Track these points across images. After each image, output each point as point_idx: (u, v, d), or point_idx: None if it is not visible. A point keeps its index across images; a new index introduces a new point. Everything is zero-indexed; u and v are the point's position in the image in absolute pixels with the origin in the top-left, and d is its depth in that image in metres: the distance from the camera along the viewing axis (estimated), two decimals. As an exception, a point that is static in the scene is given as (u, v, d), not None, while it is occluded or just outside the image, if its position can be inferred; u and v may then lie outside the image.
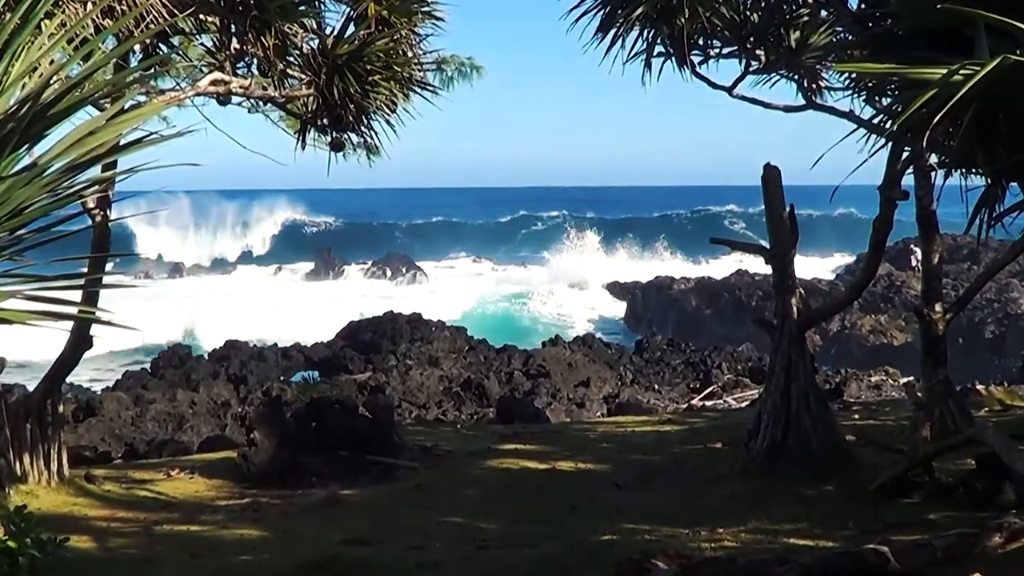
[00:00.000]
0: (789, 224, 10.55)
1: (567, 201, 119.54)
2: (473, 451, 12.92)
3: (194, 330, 43.68)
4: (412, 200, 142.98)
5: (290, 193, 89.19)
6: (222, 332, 33.91)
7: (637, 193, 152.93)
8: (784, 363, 10.37)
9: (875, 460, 10.23)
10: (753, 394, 20.76)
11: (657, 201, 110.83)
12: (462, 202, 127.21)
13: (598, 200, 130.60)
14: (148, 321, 37.12)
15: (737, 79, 11.91)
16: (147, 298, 53.76)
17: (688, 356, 29.78)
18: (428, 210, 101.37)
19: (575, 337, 30.88)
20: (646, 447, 12.85)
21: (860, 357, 33.14)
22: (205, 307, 51.33)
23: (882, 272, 37.67)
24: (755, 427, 10.47)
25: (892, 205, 10.14)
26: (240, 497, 11.00)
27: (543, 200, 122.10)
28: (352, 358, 29.84)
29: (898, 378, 22.67)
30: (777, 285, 10.67)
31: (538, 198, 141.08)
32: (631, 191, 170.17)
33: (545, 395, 23.11)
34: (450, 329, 31.57)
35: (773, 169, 10.61)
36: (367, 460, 11.97)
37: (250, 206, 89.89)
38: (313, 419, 12.46)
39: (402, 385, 24.57)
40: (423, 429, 15.90)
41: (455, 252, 79.24)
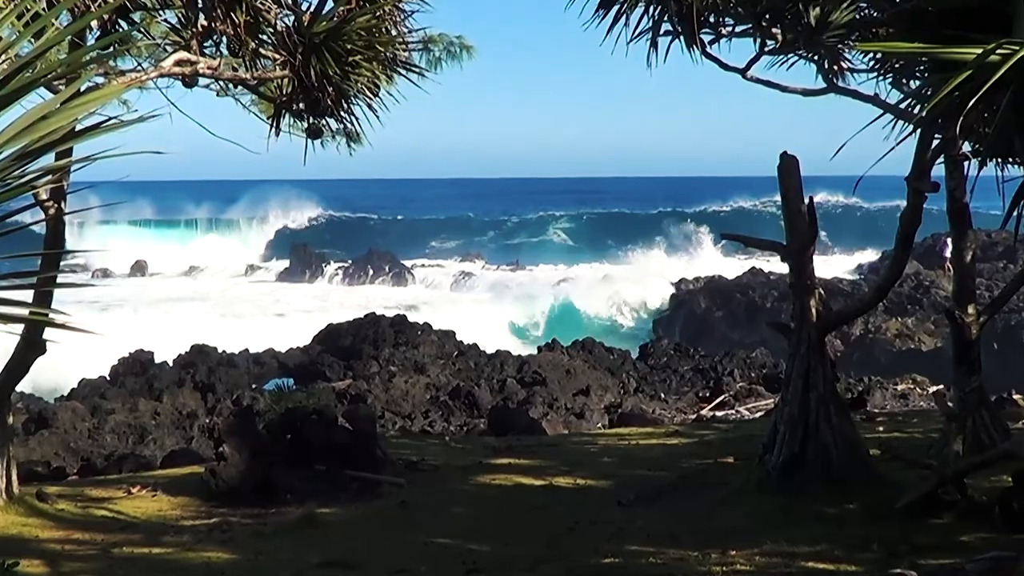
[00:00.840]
0: (807, 218, 10.54)
1: (570, 194, 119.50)
2: (463, 466, 12.91)
3: (157, 333, 43.60)
4: (399, 192, 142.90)
5: (263, 184, 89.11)
6: (188, 336, 33.85)
7: (643, 184, 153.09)
8: (802, 370, 10.36)
9: (902, 476, 10.23)
10: (768, 404, 20.74)
11: (665, 192, 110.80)
12: (453, 194, 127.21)
13: (601, 192, 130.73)
14: (107, 324, 37.11)
15: (751, 60, 11.90)
16: (106, 299, 53.85)
17: (697, 362, 29.77)
18: (415, 204, 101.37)
19: (574, 341, 30.86)
20: (651, 462, 12.84)
21: (885, 364, 33.12)
22: (169, 308, 51.30)
23: (909, 271, 37.73)
24: (770, 440, 10.46)
25: (921, 198, 10.13)
26: (207, 516, 10.97)
27: (543, 193, 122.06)
28: (330, 364, 29.77)
29: (927, 387, 22.67)
30: (794, 285, 10.67)
31: (537, 191, 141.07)
32: (634, 182, 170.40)
33: (541, 405, 23.08)
34: (437, 333, 31.53)
35: (790, 158, 10.61)
36: (347, 476, 11.95)
37: (219, 198, 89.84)
38: (288, 431, 12.44)
39: (385, 394, 24.53)
40: (408, 442, 15.88)
41: (447, 249, 79.23)
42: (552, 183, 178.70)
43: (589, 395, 24.34)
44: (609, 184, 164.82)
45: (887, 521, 8.92)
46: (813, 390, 10.28)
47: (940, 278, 39.71)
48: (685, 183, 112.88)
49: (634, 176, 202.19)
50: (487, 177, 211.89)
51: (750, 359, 28.90)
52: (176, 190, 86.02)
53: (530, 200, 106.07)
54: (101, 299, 52.99)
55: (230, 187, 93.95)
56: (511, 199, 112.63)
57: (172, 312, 50.10)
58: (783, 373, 11.54)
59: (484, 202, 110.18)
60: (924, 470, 10.35)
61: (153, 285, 66.69)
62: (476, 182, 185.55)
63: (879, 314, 36.28)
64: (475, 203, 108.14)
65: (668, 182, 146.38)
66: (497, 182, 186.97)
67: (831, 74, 12.09)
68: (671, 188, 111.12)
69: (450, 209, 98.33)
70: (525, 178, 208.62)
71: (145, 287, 65.04)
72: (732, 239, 11.99)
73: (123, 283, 66.37)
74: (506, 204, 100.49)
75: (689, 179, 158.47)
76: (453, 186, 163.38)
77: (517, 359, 28.26)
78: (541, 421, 19.91)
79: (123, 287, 63.41)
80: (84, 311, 39.75)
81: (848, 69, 12.08)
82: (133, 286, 64.99)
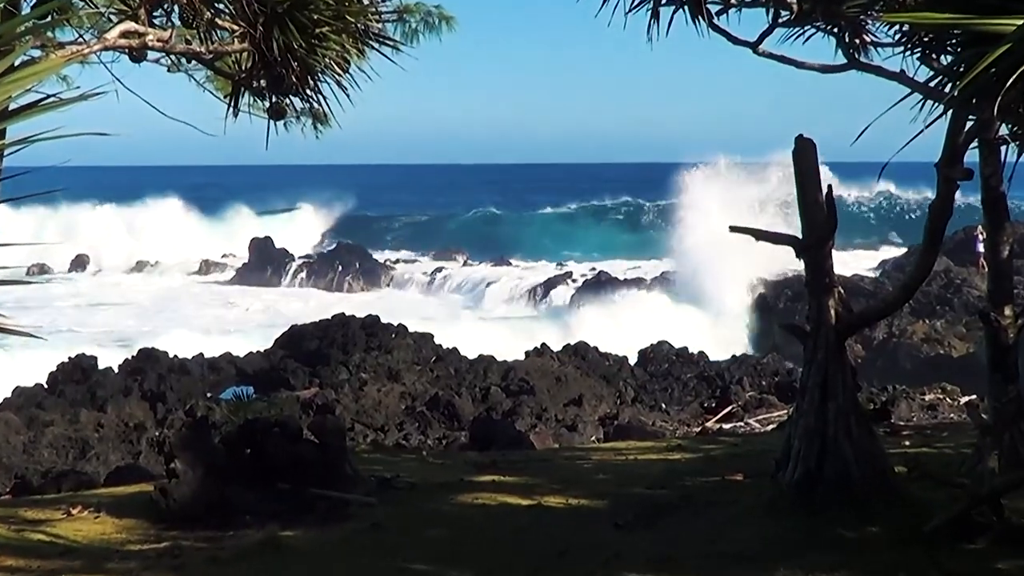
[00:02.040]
0: (826, 209, 10.54)
1: (562, 182, 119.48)
2: (441, 484, 12.89)
3: (101, 336, 43.55)
4: (372, 180, 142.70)
5: (220, 170, 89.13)
6: (136, 339, 33.82)
7: (638, 171, 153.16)
8: (819, 378, 10.36)
9: (930, 496, 10.23)
10: (781, 415, 20.77)
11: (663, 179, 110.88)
12: (436, 183, 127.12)
13: (597, 179, 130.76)
14: (45, 326, 36.94)
15: (763, 32, 11.88)
16: (43, 297, 53.71)
17: (702, 369, 29.87)
18: (390, 192, 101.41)
19: (565, 346, 30.88)
20: (651, 479, 12.84)
21: (912, 371, 33.26)
22: (115, 308, 51.22)
23: (939, 268, 37.84)
24: (784, 455, 10.47)
25: (952, 186, 10.13)
26: (157, 540, 10.93)
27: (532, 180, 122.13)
28: (294, 371, 29.78)
29: (958, 397, 22.74)
30: (811, 283, 10.67)
31: (527, 178, 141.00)
32: (631, 168, 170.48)
33: (529, 416, 23.11)
34: (413, 336, 31.53)
35: (806, 142, 10.61)
36: (312, 495, 11.92)
37: (170, 186, 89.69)
38: (247, 445, 12.40)
39: (355, 404, 24.55)
40: (381, 457, 15.86)
41: (424, 244, 79.31)
42: (542, 170, 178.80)
43: (582, 405, 24.37)
44: (605, 171, 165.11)
45: (914, 546, 8.93)
46: (831, 400, 10.28)
47: (973, 276, 39.88)
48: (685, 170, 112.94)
49: (632, 162, 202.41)
50: (470, 163, 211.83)
51: (761, 365, 29.02)
52: (123, 176, 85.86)
53: (517, 189, 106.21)
54: (38, 297, 52.97)
55: (183, 173, 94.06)
56: (498, 187, 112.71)
57: (118, 313, 50.04)
58: (798, 381, 11.54)
59: (467, 192, 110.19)
60: (955, 489, 10.36)
61: (97, 282, 66.62)
62: (458, 169, 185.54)
63: (905, 316, 36.43)
64: (458, 193, 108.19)
65: (668, 169, 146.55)
66: (482, 168, 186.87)
67: (852, 48, 12.07)
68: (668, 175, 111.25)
69: (430, 198, 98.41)
70: (512, 164, 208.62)
71: (88, 284, 64.97)
72: (740, 232, 11.89)
73: (63, 280, 66.31)
74: (491, 193, 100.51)
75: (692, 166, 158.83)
76: (433, 173, 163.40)
77: (502, 365, 28.28)
78: (528, 434, 19.93)
79: (63, 284, 63.34)
80: (18, 311, 39.58)
81: (871, 43, 12.06)
82: (74, 283, 64.92)
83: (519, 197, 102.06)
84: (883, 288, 39.26)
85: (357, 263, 65.81)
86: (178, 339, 35.50)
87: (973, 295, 37.31)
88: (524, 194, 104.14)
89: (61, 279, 66.71)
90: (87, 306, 53.71)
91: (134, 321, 48.28)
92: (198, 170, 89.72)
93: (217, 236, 78.73)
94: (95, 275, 69.79)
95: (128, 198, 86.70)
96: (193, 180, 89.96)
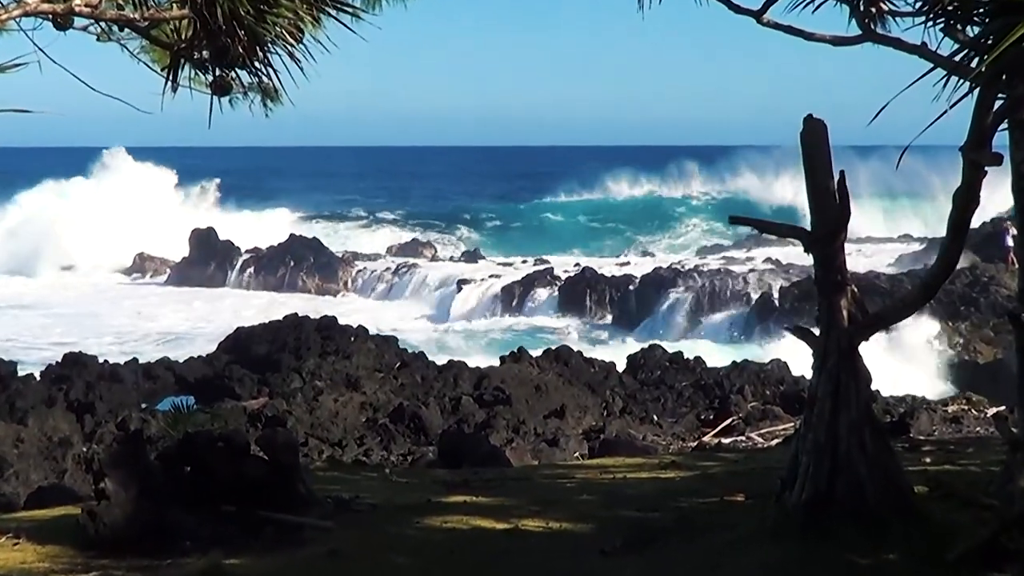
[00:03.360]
0: (838, 198, 10.57)
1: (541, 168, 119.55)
2: (407, 505, 12.89)
3: (21, 339, 43.43)
4: (330, 166, 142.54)
5: (158, 152, 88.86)
6: (60, 342, 33.73)
7: (626, 154, 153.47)
8: (830, 387, 10.39)
9: (954, 519, 10.27)
10: (787, 428, 20.85)
11: (654, 165, 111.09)
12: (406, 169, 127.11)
13: (579, 163, 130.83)
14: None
15: (768, 0, 11.93)
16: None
17: (699, 376, 29.90)
18: (350, 179, 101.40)
19: (545, 351, 30.89)
20: (642, 500, 12.86)
21: (932, 379, 33.37)
22: (38, 308, 51.07)
23: (964, 264, 37.98)
24: (790, 473, 10.48)
25: (979, 173, 10.15)
26: (85, 570, 10.91)
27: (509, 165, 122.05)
28: (241, 378, 29.74)
29: (984, 408, 22.84)
30: (821, 281, 10.69)
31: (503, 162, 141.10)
32: (620, 152, 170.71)
33: (504, 429, 23.14)
34: (375, 339, 31.52)
35: (816, 123, 10.62)
36: (261, 518, 11.91)
37: (103, 169, 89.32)
38: (187, 462, 12.39)
39: (310, 415, 24.53)
40: (339, 475, 15.86)
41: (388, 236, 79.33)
42: (517, 153, 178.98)
43: (564, 417, 24.41)
44: (588, 155, 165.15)
45: (936, 573, 8.96)
46: (844, 412, 10.30)
47: (1001, 273, 40.03)
48: (683, 155, 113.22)
49: (622, 145, 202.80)
50: (438, 145, 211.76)
51: (764, 373, 29.05)
52: (47, 159, 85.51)
53: (492, 175, 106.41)
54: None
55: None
56: (471, 174, 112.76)
57: (41, 314, 49.92)
58: (806, 391, 11.57)
59: (436, 179, 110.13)
60: (982, 511, 10.41)
61: (15, 282, 66.37)
62: (427, 151, 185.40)
63: (926, 317, 36.53)
64: (426, 179, 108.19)
65: (661, 152, 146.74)
66: (451, 151, 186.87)
67: (868, 18, 12.10)
68: (662, 159, 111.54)
69: (393, 185, 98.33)
70: (485, 147, 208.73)
71: (5, 284, 64.74)
72: (742, 223, 11.90)
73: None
74: (465, 180, 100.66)
75: (688, 149, 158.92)
76: (399, 157, 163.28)
77: (474, 372, 28.30)
78: (504, 450, 19.96)
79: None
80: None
81: (889, 12, 12.10)
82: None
83: (491, 185, 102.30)
84: (901, 287, 39.36)
85: (312, 258, 65.76)
86: (109, 342, 35.47)
87: (1002, 294, 37.47)
88: (497, 181, 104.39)
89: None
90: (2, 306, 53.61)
91: (58, 321, 48.15)
92: (138, 152, 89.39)
93: (153, 226, 78.30)
94: (10, 274, 69.37)
95: (50, 183, 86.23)
96: (124, 162, 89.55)
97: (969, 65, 6.58)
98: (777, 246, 63.11)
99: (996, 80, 6.49)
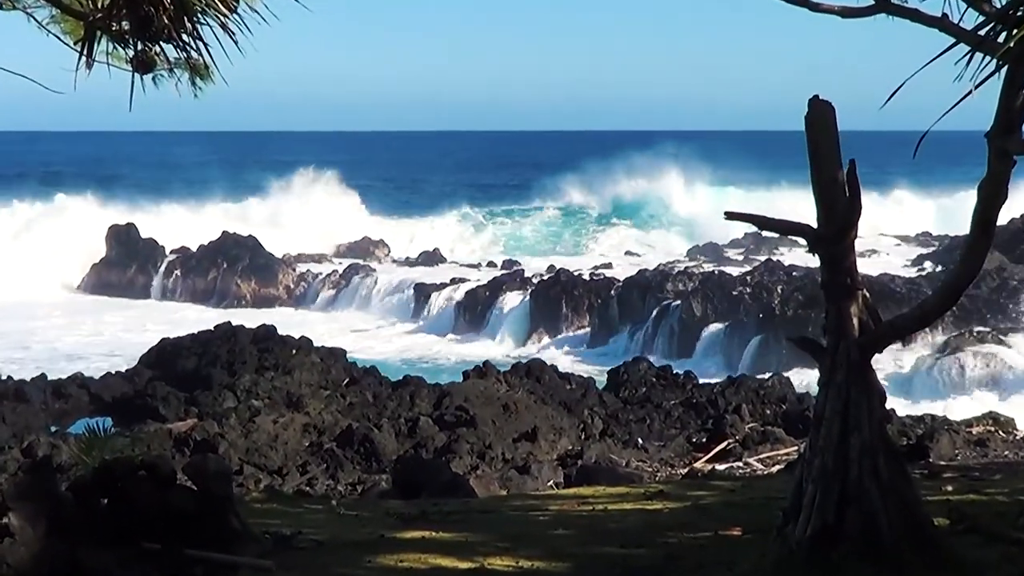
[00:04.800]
0: (848, 191, 10.58)
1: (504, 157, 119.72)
2: (356, 542, 12.88)
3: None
4: (266, 149, 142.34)
5: (70, 138, 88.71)
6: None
7: (612, 139, 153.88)
8: (839, 405, 10.40)
9: (979, 555, 10.31)
10: (790, 453, 20.89)
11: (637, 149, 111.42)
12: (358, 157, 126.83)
13: (554, 149, 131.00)
14: None
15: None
16: None
17: (690, 393, 29.92)
18: (288, 165, 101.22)
19: (515, 365, 30.90)
20: (626, 535, 12.87)
21: (957, 395, 33.49)
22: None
23: (990, 266, 38.16)
24: (794, 504, 10.49)
25: (1007, 163, 10.18)
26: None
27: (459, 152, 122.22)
28: (165, 397, 29.67)
29: (1013, 429, 22.92)
30: (828, 284, 10.70)
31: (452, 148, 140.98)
32: (609, 137, 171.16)
33: (468, 454, 23.12)
34: (320, 352, 31.47)
35: (823, 106, 10.63)
36: (189, 557, 11.87)
37: (7, 158, 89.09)
38: (104, 493, 12.34)
39: (245, 439, 24.45)
40: (278, 507, 15.82)
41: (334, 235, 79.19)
42: (469, 138, 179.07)
43: (536, 440, 24.39)
44: (568, 140, 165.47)
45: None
46: (854, 434, 10.32)
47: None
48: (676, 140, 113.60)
49: (612, 130, 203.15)
50: (394, 130, 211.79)
51: (764, 389, 29.07)
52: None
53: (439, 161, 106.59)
54: None
55: (17, 140, 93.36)
56: (422, 161, 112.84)
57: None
58: (812, 410, 11.59)
59: (390, 167, 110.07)
60: (1010, 546, 10.43)
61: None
62: (380, 136, 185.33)
63: (947, 325, 36.66)
64: (372, 167, 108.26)
65: (648, 137, 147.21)
66: (407, 137, 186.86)
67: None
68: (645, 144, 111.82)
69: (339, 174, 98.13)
70: (438, 132, 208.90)
71: None
72: (739, 219, 11.89)
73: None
74: (415, 168, 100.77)
75: (683, 135, 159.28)
76: (350, 142, 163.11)
77: (434, 390, 28.28)
78: (468, 478, 19.95)
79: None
80: None
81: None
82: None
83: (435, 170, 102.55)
84: (919, 292, 39.50)
85: (248, 259, 65.58)
86: (12, 356, 35.35)
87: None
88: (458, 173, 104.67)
89: None
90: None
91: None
92: (36, 136, 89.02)
93: (65, 226, 77.82)
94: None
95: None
96: (27, 148, 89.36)
97: (996, 40, 6.58)
98: (780, 245, 63.42)
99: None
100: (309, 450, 24.25)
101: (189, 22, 10.02)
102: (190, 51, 10.28)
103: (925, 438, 21.69)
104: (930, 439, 21.55)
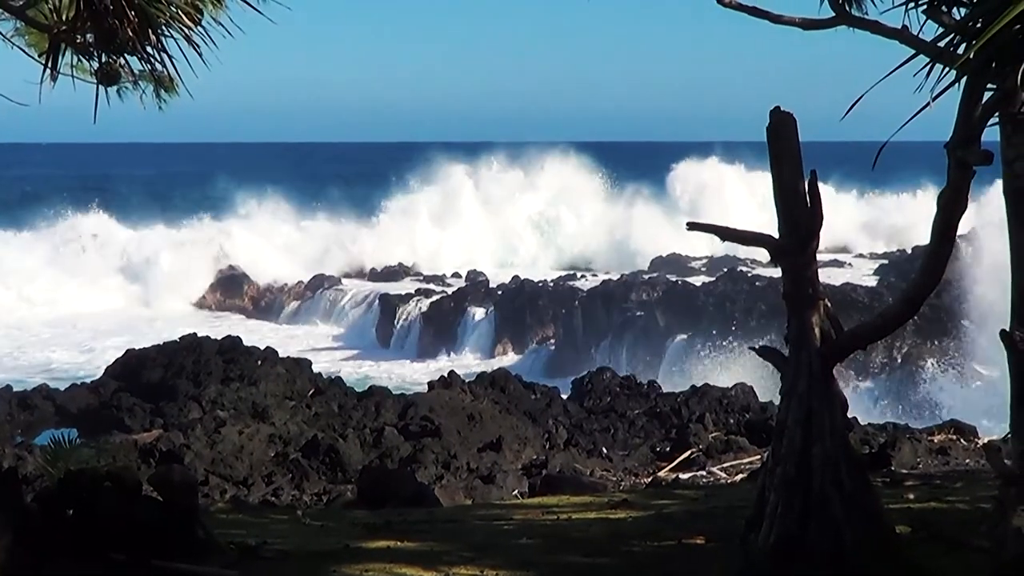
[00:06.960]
0: (809, 201, 10.61)
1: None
2: (321, 552, 12.85)
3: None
4: (239, 160, 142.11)
5: (36, 150, 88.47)
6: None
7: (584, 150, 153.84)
8: (801, 415, 10.42)
9: (941, 564, 10.34)
10: (753, 462, 20.91)
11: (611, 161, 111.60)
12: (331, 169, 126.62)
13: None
14: None
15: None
16: None
17: (653, 403, 29.95)
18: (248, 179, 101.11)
19: (480, 375, 30.87)
20: (590, 544, 12.87)
21: (917, 405, 33.60)
22: None
23: (951, 276, 38.24)
24: (756, 513, 10.51)
25: (967, 173, 10.23)
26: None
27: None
28: (131, 408, 29.59)
29: (974, 437, 23.00)
30: (790, 294, 10.72)
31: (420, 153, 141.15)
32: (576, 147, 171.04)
33: (433, 464, 23.09)
34: (285, 363, 31.41)
35: (784, 116, 10.67)
36: (155, 567, 11.84)
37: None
38: (69, 504, 12.29)
39: (210, 450, 24.37)
40: (243, 518, 15.78)
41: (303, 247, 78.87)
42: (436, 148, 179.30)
43: (501, 450, 24.38)
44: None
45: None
46: (817, 443, 10.34)
47: (992, 285, 40.30)
48: (632, 151, 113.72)
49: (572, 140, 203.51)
50: (359, 141, 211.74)
51: (727, 399, 29.10)
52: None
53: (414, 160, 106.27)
54: None
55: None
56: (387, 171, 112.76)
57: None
58: (775, 419, 11.61)
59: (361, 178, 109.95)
60: (973, 553, 10.46)
61: None
62: (351, 147, 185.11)
63: (909, 335, 36.78)
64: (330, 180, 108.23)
65: (607, 149, 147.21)
66: (370, 147, 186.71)
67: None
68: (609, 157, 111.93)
69: (297, 187, 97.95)
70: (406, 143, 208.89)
71: None
72: (701, 230, 11.92)
73: None
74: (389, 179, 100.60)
75: (639, 146, 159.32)
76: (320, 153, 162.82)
77: (399, 400, 28.23)
78: (433, 487, 19.93)
79: None
80: None
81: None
82: None
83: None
84: (882, 301, 39.61)
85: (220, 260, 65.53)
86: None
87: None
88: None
89: None
90: None
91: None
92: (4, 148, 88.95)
93: (32, 231, 77.50)
94: None
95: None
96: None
97: (955, 51, 6.61)
98: (742, 255, 63.53)
99: (985, 68, 6.53)
100: (274, 460, 24.17)
101: (153, 34, 10.00)
102: (154, 63, 10.26)
103: (887, 446, 21.74)
104: (892, 447, 21.61)
